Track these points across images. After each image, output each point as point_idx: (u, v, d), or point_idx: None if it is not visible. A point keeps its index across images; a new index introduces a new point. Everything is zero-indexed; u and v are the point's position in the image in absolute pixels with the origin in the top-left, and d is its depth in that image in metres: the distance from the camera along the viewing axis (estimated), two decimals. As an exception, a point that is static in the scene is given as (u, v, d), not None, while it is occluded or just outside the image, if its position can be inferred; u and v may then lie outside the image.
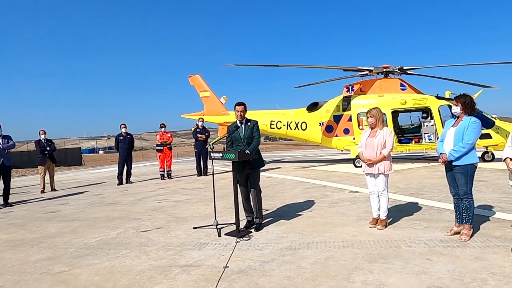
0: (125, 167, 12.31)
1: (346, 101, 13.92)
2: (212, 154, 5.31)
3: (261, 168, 5.65)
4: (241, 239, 4.95)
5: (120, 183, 12.06)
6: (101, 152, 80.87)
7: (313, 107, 14.73)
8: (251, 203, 5.57)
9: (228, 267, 3.97)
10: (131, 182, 12.29)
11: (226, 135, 5.77)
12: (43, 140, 11.31)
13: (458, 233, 4.52)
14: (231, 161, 5.20)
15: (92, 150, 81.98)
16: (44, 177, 11.28)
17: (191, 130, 15.58)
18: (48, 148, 11.31)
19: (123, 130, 12.32)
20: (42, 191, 11.05)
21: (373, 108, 5.20)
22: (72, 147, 42.54)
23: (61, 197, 9.96)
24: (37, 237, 5.71)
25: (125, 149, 12.22)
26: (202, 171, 13.24)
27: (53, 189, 11.34)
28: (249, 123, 5.55)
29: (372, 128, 5.20)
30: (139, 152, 50.71)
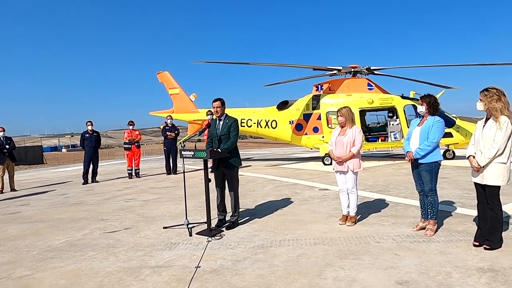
0: (91, 165, 11.93)
1: (316, 100, 14.13)
2: (183, 152, 5.24)
3: None
4: (213, 238, 4.91)
5: (86, 182, 11.66)
6: (64, 150, 77.64)
7: (283, 105, 14.85)
8: (226, 201, 5.54)
9: (200, 266, 3.92)
10: (97, 181, 11.91)
11: (197, 133, 5.70)
12: (1, 138, 10.76)
13: (423, 228, 4.69)
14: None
15: (55, 148, 78.50)
16: (2, 176, 10.72)
17: (159, 128, 15.28)
18: (7, 146, 10.77)
19: (89, 127, 11.94)
20: (1, 192, 10.49)
21: (343, 107, 5.30)
22: (33, 145, 40.60)
23: (22, 197, 9.50)
24: (-4, 240, 5.41)
25: (91, 147, 11.85)
26: (171, 169, 13.04)
27: (12, 189, 10.80)
28: (227, 120, 5.48)
29: (342, 127, 5.31)
30: (105, 150, 49.23)
